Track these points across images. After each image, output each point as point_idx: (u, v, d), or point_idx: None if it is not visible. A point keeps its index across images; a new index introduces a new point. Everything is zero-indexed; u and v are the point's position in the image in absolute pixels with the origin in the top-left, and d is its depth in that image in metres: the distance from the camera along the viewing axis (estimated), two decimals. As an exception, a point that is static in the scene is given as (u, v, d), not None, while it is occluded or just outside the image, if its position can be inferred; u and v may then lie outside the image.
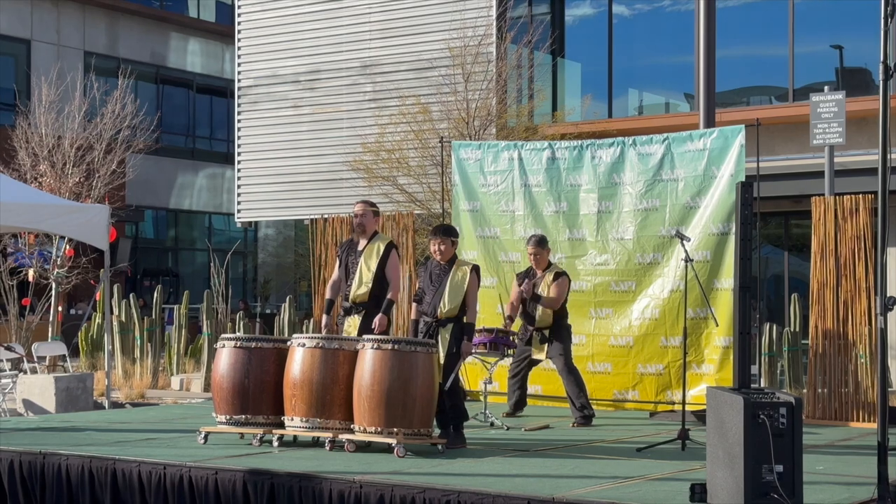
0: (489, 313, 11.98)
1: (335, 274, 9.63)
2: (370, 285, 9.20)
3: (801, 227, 19.01)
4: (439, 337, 8.95)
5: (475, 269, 9.15)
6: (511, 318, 10.63)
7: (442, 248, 9.11)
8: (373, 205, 9.44)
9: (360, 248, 9.32)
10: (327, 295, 9.64)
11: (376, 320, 9.04)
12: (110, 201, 17.51)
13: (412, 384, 8.30)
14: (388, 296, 9.16)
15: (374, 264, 9.19)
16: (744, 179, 10.55)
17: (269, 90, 22.92)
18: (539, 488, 6.86)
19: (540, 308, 10.64)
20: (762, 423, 6.15)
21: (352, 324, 9.21)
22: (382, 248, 9.24)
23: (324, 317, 9.46)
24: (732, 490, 6.19)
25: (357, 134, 20.49)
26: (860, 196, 10.95)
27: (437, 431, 8.82)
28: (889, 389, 10.73)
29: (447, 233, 9.23)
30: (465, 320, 9.03)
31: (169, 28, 31.31)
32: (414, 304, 9.28)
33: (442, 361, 8.85)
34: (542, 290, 10.66)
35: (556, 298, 10.59)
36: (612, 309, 11.73)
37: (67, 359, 15.21)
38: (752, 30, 19.58)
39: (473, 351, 9.94)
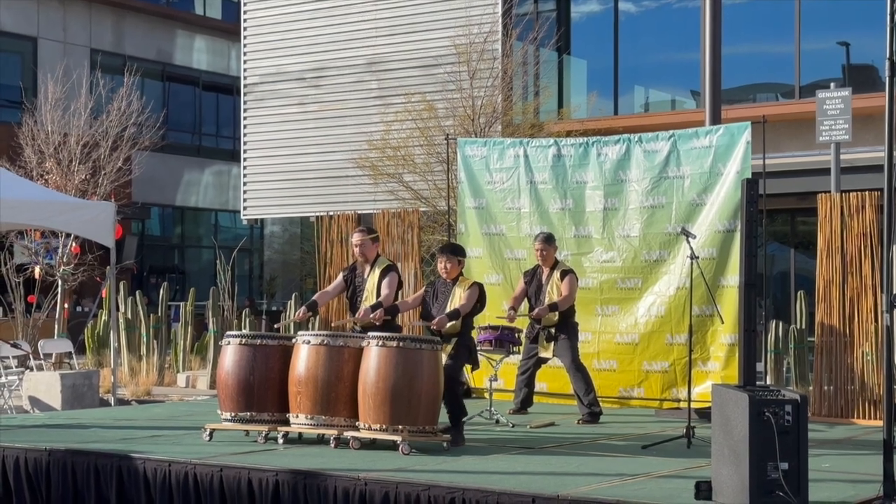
0: (495, 310, 11.97)
1: (331, 286, 9.86)
2: None
3: (807, 225, 18.98)
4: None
5: (476, 284, 9.33)
6: (514, 309, 10.61)
7: (448, 266, 9.30)
8: (370, 231, 9.53)
9: (364, 274, 9.38)
10: (315, 296, 9.80)
11: (374, 313, 9.07)
12: (116, 198, 17.50)
13: (417, 382, 8.30)
14: (379, 299, 9.17)
15: (376, 290, 9.24)
16: (750, 176, 10.53)
17: (275, 87, 22.94)
18: (544, 485, 6.86)
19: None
20: (767, 420, 6.15)
21: None
22: (378, 272, 9.30)
23: (302, 308, 9.50)
24: (738, 487, 6.19)
25: (363, 131, 20.48)
26: (866, 193, 10.94)
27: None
28: (895, 387, 10.70)
29: (453, 251, 9.50)
30: (453, 308, 9.14)
31: (175, 25, 31.32)
32: (421, 321, 9.42)
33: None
34: (551, 288, 10.63)
35: (568, 296, 10.55)
36: (619, 306, 11.72)
37: (73, 356, 15.22)
38: (759, 27, 19.55)
39: (479, 348, 9.99)
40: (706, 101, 12.41)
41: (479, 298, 9.26)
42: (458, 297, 9.22)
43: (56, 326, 17.76)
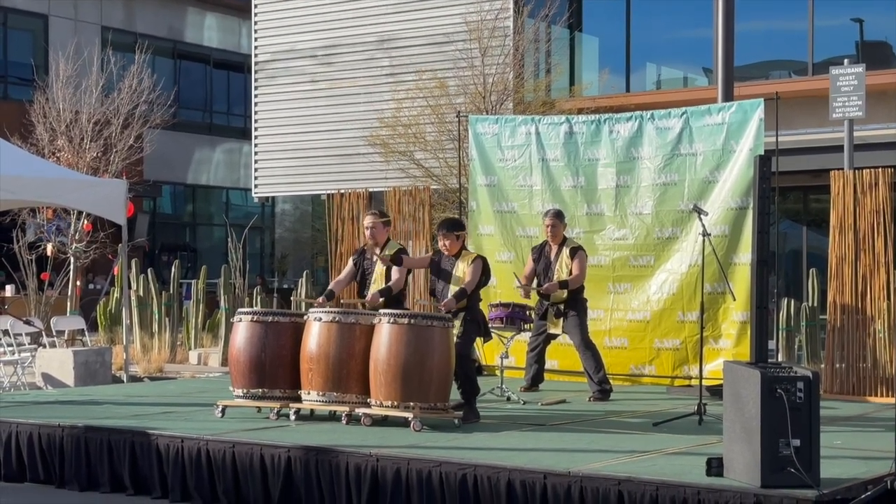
0: (506, 288, 11.97)
1: (343, 273, 9.72)
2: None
3: (819, 202, 18.93)
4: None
5: (479, 258, 9.24)
6: (529, 284, 10.60)
7: (447, 242, 9.25)
8: (382, 214, 9.46)
9: (374, 258, 9.33)
10: (331, 285, 9.65)
11: (381, 298, 9.08)
12: (128, 176, 17.52)
13: (428, 358, 8.30)
14: (389, 284, 9.15)
15: (385, 274, 9.20)
16: (762, 153, 10.48)
17: (286, 65, 22.90)
18: (555, 462, 6.87)
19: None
20: (779, 397, 6.14)
21: None
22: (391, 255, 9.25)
23: (320, 298, 9.46)
24: (749, 464, 6.19)
25: (374, 109, 20.46)
26: (879, 170, 10.89)
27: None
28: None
29: (450, 227, 9.35)
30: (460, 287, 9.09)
31: (186, 3, 31.26)
32: (431, 299, 9.41)
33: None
34: (560, 266, 10.60)
35: (579, 275, 10.51)
36: (631, 284, 11.70)
37: (86, 333, 15.27)
38: (772, 3, 19.44)
39: (490, 326, 9.99)
40: (719, 77, 12.35)
41: (483, 272, 9.23)
42: (461, 273, 9.18)
43: (68, 304, 17.83)
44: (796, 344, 13.74)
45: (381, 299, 9.02)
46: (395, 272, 9.17)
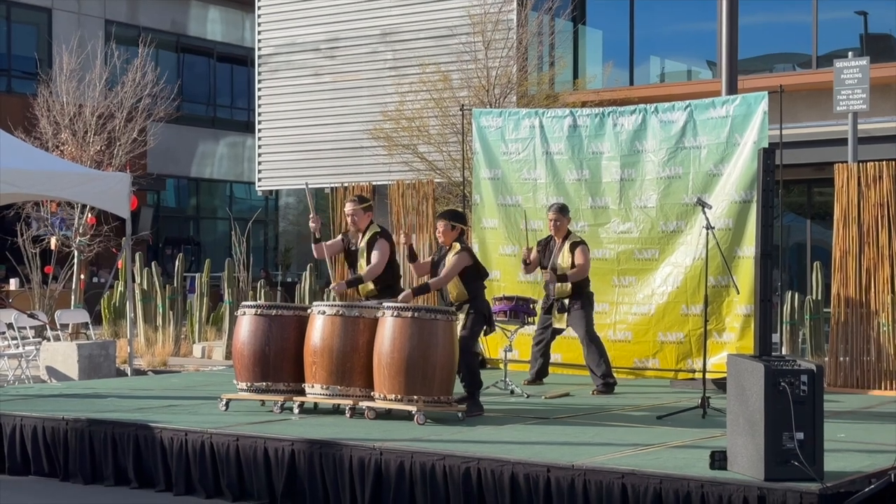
0: (510, 281, 11.98)
1: (329, 241, 9.66)
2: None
3: (823, 195, 18.90)
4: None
5: (463, 250, 9.14)
6: (527, 263, 10.62)
7: (440, 229, 9.22)
8: (363, 200, 9.46)
9: (358, 243, 9.35)
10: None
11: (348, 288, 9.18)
12: (131, 170, 17.53)
13: (432, 352, 8.30)
14: (360, 273, 9.16)
15: (366, 258, 9.22)
16: (766, 146, 10.47)
17: (289, 58, 22.89)
18: (559, 455, 6.87)
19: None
20: (783, 390, 6.14)
21: None
22: (367, 240, 9.25)
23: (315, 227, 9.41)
24: (753, 457, 6.19)
25: (377, 102, 20.45)
26: (884, 163, 10.88)
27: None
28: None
29: (446, 215, 9.35)
30: (426, 280, 9.18)
31: (189, -4, 31.27)
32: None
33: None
34: (562, 261, 10.58)
35: (582, 267, 10.50)
36: (635, 277, 11.69)
37: (90, 326, 15.29)
38: (776, -4, 19.43)
39: (493, 319, 9.99)
40: (723, 70, 12.34)
41: (472, 264, 9.15)
42: (446, 265, 9.15)
43: (72, 297, 17.85)
44: (800, 337, 13.73)
45: (347, 288, 9.06)
46: (374, 257, 9.14)
